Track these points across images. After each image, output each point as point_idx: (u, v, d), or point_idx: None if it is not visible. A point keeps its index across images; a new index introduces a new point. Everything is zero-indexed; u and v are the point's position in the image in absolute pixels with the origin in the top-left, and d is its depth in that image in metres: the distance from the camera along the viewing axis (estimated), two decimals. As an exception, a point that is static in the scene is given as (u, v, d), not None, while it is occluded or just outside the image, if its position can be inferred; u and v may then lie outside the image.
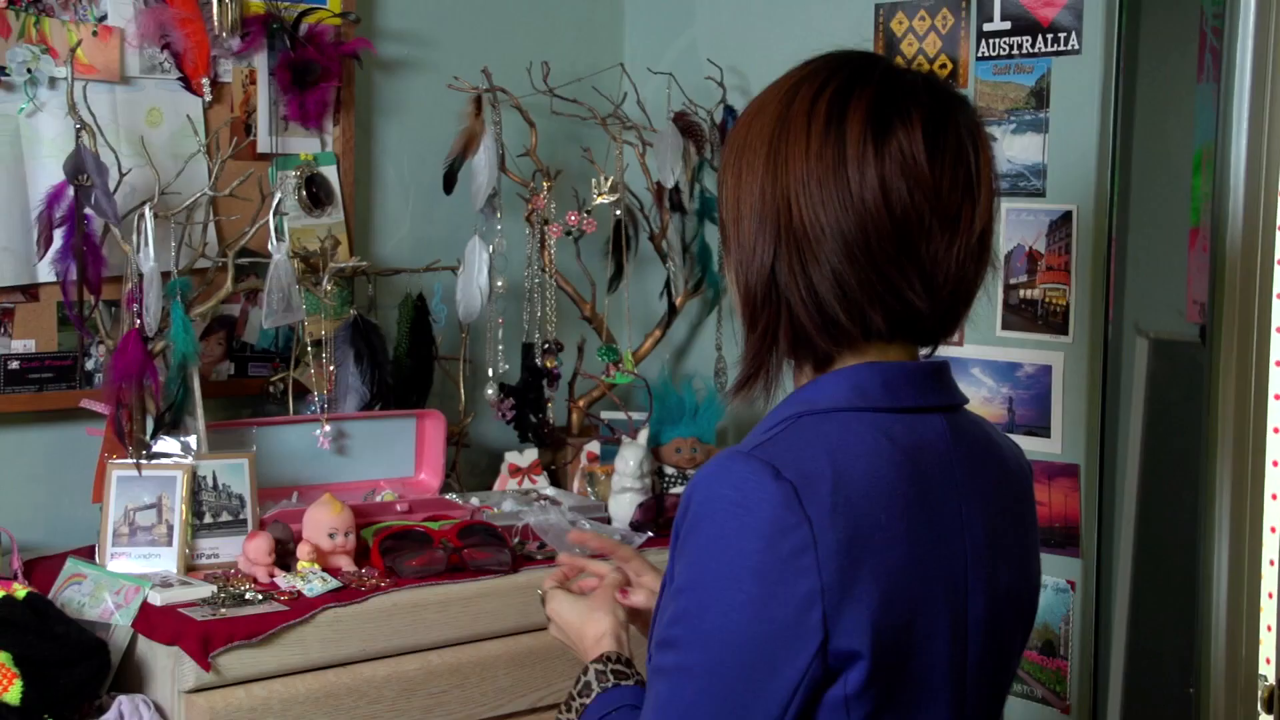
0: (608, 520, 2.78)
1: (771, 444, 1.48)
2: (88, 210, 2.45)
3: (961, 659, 1.53)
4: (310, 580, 2.32)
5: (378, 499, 2.68)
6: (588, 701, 1.64)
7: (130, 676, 2.21)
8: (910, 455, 1.52)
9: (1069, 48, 2.59)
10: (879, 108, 1.50)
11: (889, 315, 1.52)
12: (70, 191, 2.45)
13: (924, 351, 1.61)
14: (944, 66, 2.76)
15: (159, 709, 2.16)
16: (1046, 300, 2.64)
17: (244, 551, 2.38)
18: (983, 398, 2.71)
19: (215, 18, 2.70)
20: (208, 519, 2.42)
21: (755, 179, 1.53)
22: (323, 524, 2.42)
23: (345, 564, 2.41)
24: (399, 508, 2.62)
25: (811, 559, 1.39)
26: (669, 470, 2.96)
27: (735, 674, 1.41)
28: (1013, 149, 2.67)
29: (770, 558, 1.40)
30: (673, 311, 3.08)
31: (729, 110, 3.06)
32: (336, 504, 2.43)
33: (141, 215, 2.42)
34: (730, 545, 1.41)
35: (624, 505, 2.76)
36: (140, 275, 2.41)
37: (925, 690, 1.49)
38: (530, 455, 2.94)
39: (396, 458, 2.81)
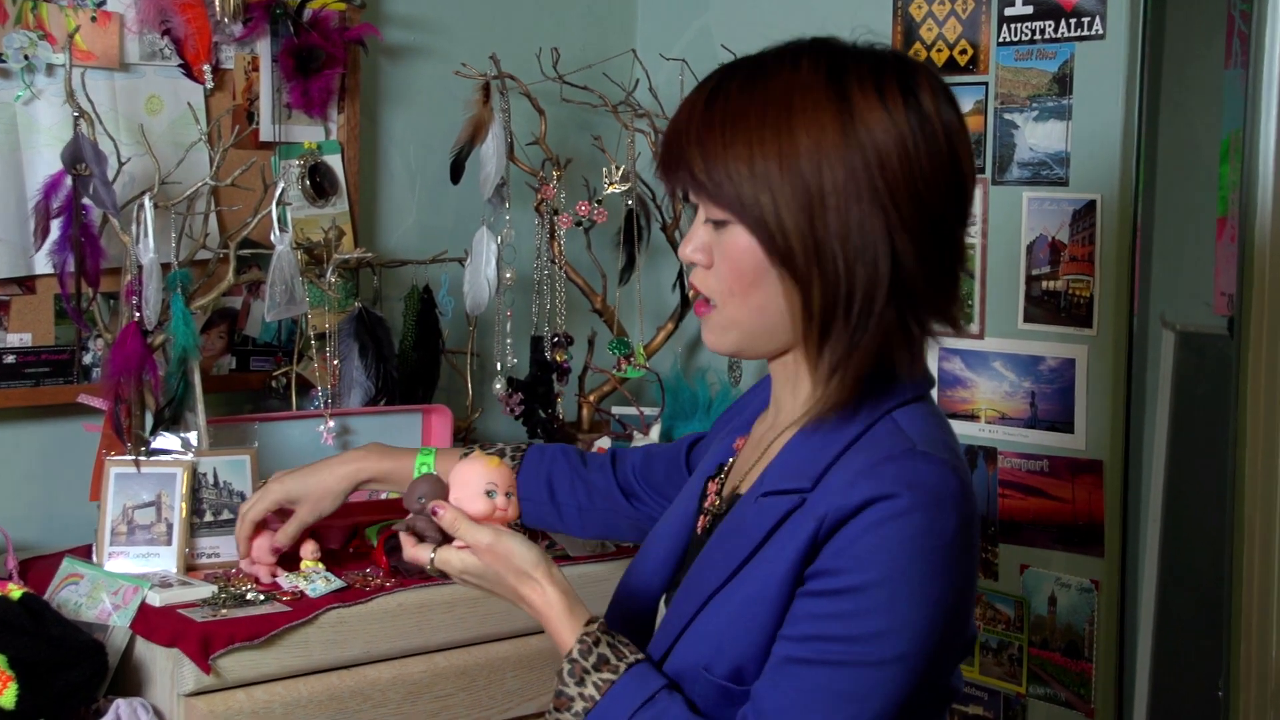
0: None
1: (919, 439, 1.53)
2: (86, 200, 2.44)
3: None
4: (313, 580, 2.30)
5: (382, 496, 2.64)
6: (612, 678, 1.61)
7: (128, 679, 2.19)
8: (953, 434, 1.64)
9: (1093, 33, 2.57)
10: (933, 74, 1.57)
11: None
12: (68, 181, 2.43)
13: None
14: (964, 52, 2.74)
15: (158, 712, 2.14)
16: (1070, 292, 2.61)
17: (246, 551, 2.36)
18: (1004, 392, 2.69)
19: (217, 3, 2.67)
20: (208, 517, 2.40)
21: (834, 156, 1.49)
22: (474, 482, 1.76)
23: None
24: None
25: (978, 544, 1.54)
26: (681, 466, 2.93)
27: (922, 662, 1.47)
28: (1035, 136, 2.65)
29: (961, 549, 1.48)
30: (685, 304, 3.05)
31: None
32: (492, 458, 1.80)
33: (141, 205, 2.40)
34: (925, 542, 1.46)
35: (635, 502, 2.74)
36: (139, 267, 2.39)
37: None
38: (539, 451, 2.92)
39: (402, 454, 2.79)
